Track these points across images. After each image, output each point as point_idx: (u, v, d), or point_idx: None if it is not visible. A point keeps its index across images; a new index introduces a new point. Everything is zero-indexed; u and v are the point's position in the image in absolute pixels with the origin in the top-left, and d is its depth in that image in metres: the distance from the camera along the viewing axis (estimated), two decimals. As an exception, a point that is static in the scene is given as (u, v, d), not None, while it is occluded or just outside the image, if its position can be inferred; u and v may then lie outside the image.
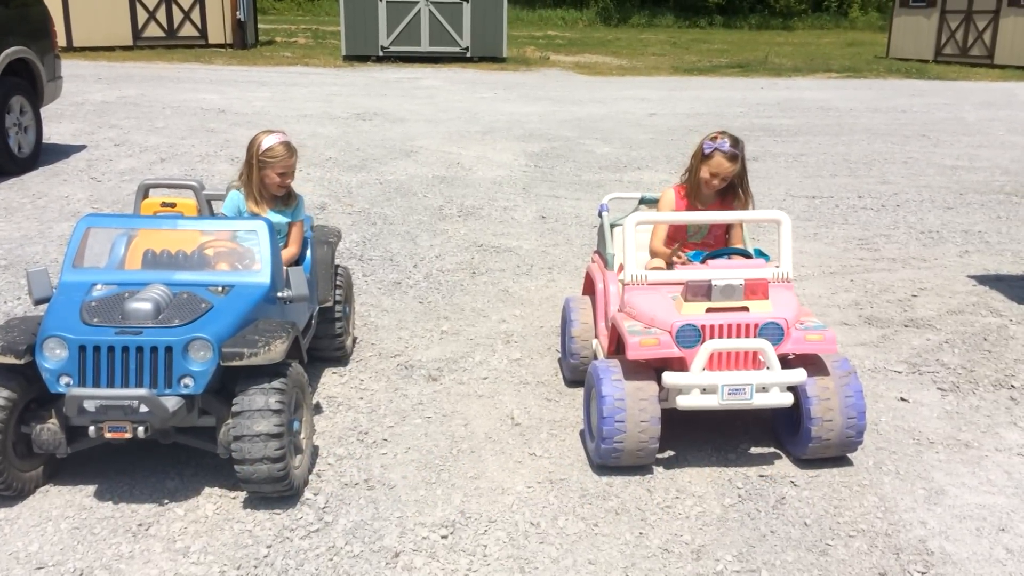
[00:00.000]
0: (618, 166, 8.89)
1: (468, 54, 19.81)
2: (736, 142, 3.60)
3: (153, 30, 20.37)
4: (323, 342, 4.05)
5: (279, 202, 3.77)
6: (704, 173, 3.61)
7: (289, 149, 3.69)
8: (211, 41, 21.08)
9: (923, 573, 2.70)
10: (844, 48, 26.81)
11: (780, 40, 30.28)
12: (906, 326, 4.68)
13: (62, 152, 8.77)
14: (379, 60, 19.42)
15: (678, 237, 3.81)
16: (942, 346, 4.42)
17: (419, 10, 19.35)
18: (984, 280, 5.45)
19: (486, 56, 19.89)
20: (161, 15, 20.41)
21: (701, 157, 3.61)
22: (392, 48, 19.51)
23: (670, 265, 3.61)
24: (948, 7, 22.60)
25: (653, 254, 3.81)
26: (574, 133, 10.75)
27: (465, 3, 19.47)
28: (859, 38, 31.58)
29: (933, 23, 23.05)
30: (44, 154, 8.42)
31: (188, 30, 20.86)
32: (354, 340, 4.40)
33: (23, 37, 7.93)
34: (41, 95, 8.31)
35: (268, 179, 3.68)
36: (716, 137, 3.59)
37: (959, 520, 2.98)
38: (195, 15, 20.88)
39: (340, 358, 4.17)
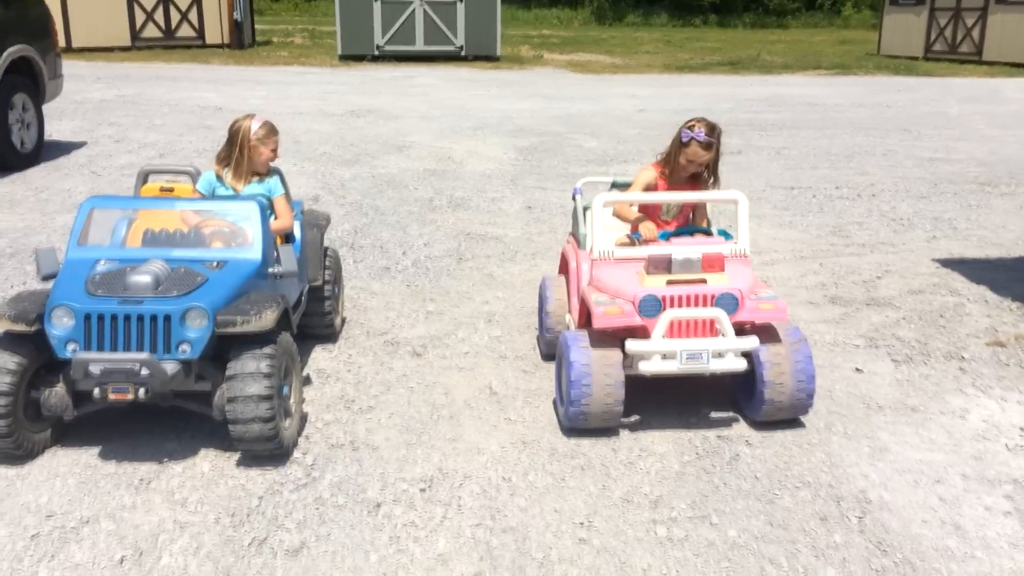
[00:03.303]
0: (605, 159, 9.13)
1: (462, 53, 20.06)
2: (712, 130, 3.82)
3: (151, 31, 20.62)
4: (313, 320, 4.28)
5: (256, 177, 4.05)
6: (681, 159, 3.85)
7: (275, 128, 4.10)
8: (208, 41, 21.33)
9: (860, 518, 2.94)
10: (836, 46, 27.05)
11: (773, 38, 30.53)
12: (868, 305, 4.93)
13: (63, 148, 9.02)
14: (374, 59, 19.67)
15: (653, 214, 4.04)
16: (899, 322, 4.66)
17: (413, 10, 19.61)
18: (948, 263, 5.70)
19: (480, 55, 20.15)
20: (159, 16, 20.67)
21: (679, 144, 3.84)
22: (387, 47, 19.76)
23: (635, 228, 3.85)
24: (937, 5, 22.85)
25: (617, 215, 4.00)
26: (564, 128, 11.00)
27: (459, 3, 19.72)
28: (852, 36, 31.84)
29: (923, 21, 23.30)
30: (46, 150, 8.67)
31: (185, 31, 21.11)
32: (343, 320, 4.63)
33: (25, 36, 8.17)
34: (43, 93, 8.55)
35: (262, 156, 4.01)
36: (694, 126, 3.81)
37: (899, 473, 3.22)
38: (192, 16, 21.13)
39: (329, 336, 4.41)
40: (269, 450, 3.19)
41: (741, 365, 3.38)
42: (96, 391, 3.07)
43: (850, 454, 3.35)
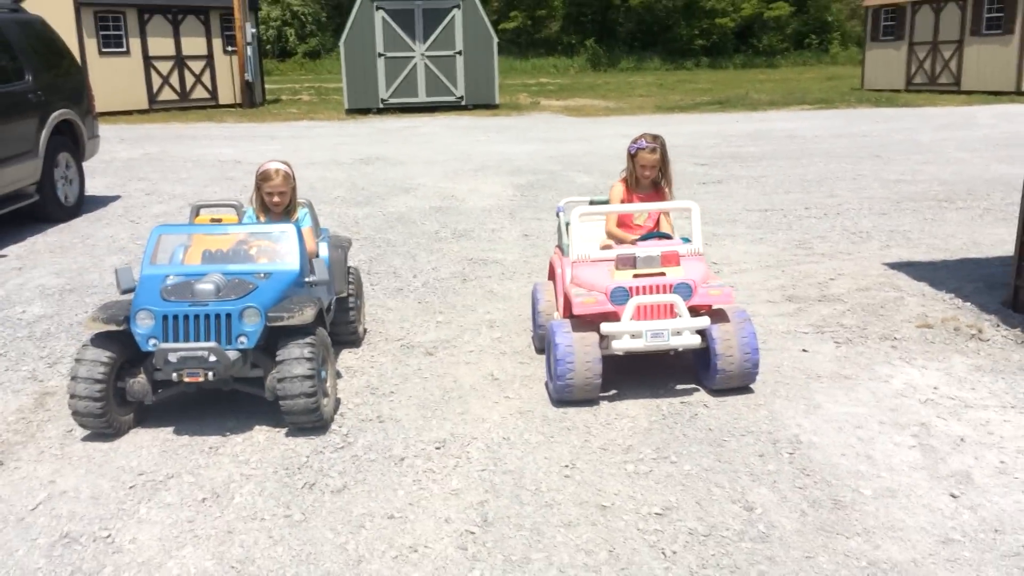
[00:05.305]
0: (595, 192, 9.91)
1: (463, 102, 21.10)
2: (655, 138, 4.66)
3: (167, 94, 21.75)
4: (340, 328, 5.02)
5: (281, 217, 4.75)
6: (636, 168, 4.66)
7: (279, 174, 4.65)
8: (221, 101, 22.46)
9: (791, 453, 3.65)
10: (823, 82, 28.09)
11: (763, 78, 31.64)
12: (819, 300, 5.66)
13: (100, 202, 9.88)
14: (380, 112, 20.70)
15: (627, 220, 4.83)
16: (845, 313, 5.39)
17: (415, 64, 20.69)
18: (896, 266, 6.44)
19: (480, 103, 21.17)
20: (174, 79, 21.81)
21: (630, 156, 4.66)
22: (391, 100, 20.80)
23: (620, 240, 4.65)
24: (915, 39, 23.90)
25: (609, 235, 4.81)
26: (558, 167, 11.84)
27: (458, 56, 20.80)
28: (839, 72, 32.95)
29: (902, 55, 24.33)
30: (85, 204, 9.52)
31: (199, 92, 22.25)
32: (364, 330, 5.37)
33: (67, 101, 9.09)
34: (83, 151, 9.45)
35: (265, 199, 4.71)
36: (637, 139, 4.66)
37: (827, 423, 3.93)
38: (206, 78, 22.29)
39: (354, 342, 5.14)
40: (312, 422, 3.91)
41: (696, 341, 4.11)
42: (174, 375, 3.81)
43: (789, 411, 4.06)
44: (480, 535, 3.13)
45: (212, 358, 3.77)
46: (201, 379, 3.80)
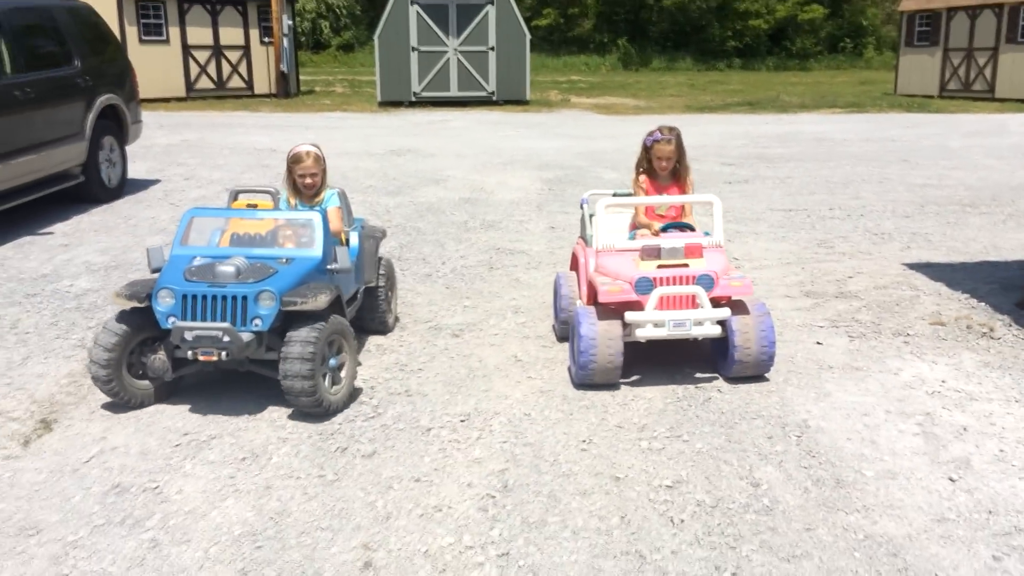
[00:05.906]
0: (621, 187, 10.07)
1: (494, 98, 21.30)
2: (670, 130, 4.86)
3: (204, 83, 22.15)
4: (369, 317, 5.16)
5: (312, 199, 4.96)
6: (654, 160, 4.85)
7: (309, 156, 4.86)
8: (257, 91, 22.82)
9: (799, 436, 3.83)
10: (856, 87, 27.97)
11: (795, 80, 31.53)
12: (836, 297, 5.81)
13: (141, 185, 10.20)
14: (411, 105, 20.96)
15: (651, 211, 5.02)
16: (860, 309, 5.54)
17: (448, 59, 20.93)
18: (914, 266, 6.56)
19: (511, 99, 21.37)
20: (211, 69, 22.22)
21: (647, 148, 4.85)
22: (423, 94, 21.05)
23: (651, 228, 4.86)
24: (950, 45, 23.78)
25: (638, 224, 4.99)
26: (586, 163, 12.02)
27: (491, 51, 21.01)
28: (872, 77, 32.75)
29: (937, 60, 24.21)
30: (127, 186, 9.84)
31: (236, 82, 22.64)
32: (396, 319, 5.55)
33: (113, 86, 9.40)
34: (127, 135, 9.76)
35: (297, 181, 4.91)
36: (653, 132, 4.86)
37: (835, 410, 4.10)
38: (242, 68, 22.67)
39: (382, 331, 5.29)
40: (310, 405, 3.96)
41: (716, 331, 4.29)
42: (189, 354, 3.96)
43: (799, 398, 4.23)
44: (500, 499, 3.35)
45: (226, 338, 3.91)
46: (215, 358, 3.94)
